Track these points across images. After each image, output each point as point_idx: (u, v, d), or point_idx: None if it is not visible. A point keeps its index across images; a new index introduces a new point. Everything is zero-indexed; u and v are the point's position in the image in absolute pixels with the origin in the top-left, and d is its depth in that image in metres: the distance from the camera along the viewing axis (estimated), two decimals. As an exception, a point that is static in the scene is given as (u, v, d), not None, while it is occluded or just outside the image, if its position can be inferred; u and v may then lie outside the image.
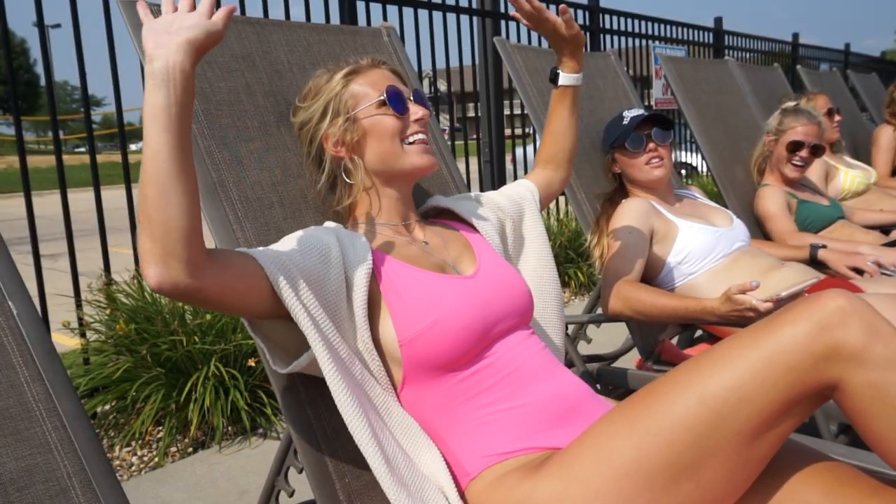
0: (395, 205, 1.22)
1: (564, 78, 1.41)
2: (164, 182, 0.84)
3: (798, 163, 2.49)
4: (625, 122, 1.96)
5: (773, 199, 2.46)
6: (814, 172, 2.88)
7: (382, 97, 1.17)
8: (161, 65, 0.84)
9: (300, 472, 1.42)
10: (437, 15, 3.89)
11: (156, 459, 2.24)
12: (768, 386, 0.85)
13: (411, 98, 1.22)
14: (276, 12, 3.19)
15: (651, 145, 1.92)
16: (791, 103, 2.60)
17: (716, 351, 0.91)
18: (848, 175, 3.01)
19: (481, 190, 4.47)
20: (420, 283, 1.08)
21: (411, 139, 1.19)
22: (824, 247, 2.10)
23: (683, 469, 0.86)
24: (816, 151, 2.49)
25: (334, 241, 1.06)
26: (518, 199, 1.41)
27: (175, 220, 0.84)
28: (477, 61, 4.29)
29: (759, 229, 2.52)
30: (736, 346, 0.89)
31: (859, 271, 1.99)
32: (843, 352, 0.84)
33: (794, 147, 2.48)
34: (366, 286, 1.04)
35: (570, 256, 4.30)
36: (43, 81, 3.00)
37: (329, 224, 1.19)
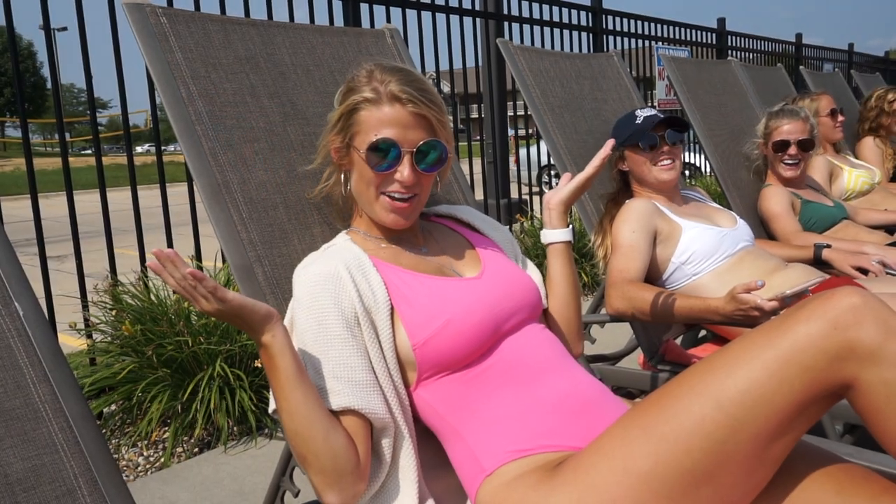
0: None
1: (563, 233, 1.33)
2: (307, 414, 0.95)
3: (789, 161, 2.48)
4: (638, 120, 1.94)
5: (776, 199, 2.45)
6: (818, 172, 2.87)
7: (373, 142, 1.08)
8: (278, 346, 0.95)
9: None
10: (441, 17, 3.91)
11: (162, 460, 2.24)
12: (784, 387, 0.84)
13: (412, 151, 1.09)
14: (281, 13, 3.20)
15: (665, 147, 1.92)
16: (777, 106, 2.60)
17: (729, 352, 0.89)
18: (852, 175, 3.00)
19: (484, 190, 4.48)
20: (427, 288, 1.09)
21: (389, 193, 1.12)
22: (828, 246, 2.09)
23: (701, 476, 0.85)
24: (805, 146, 2.46)
25: (348, 286, 1.05)
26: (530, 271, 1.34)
27: (332, 440, 0.95)
28: (480, 63, 4.30)
29: (764, 229, 2.52)
30: (749, 346, 0.87)
31: (864, 271, 1.98)
32: (858, 350, 0.83)
33: (780, 147, 2.48)
34: (388, 313, 1.05)
35: (573, 257, 4.29)
36: (49, 84, 3.02)
37: (331, 261, 1.09)
